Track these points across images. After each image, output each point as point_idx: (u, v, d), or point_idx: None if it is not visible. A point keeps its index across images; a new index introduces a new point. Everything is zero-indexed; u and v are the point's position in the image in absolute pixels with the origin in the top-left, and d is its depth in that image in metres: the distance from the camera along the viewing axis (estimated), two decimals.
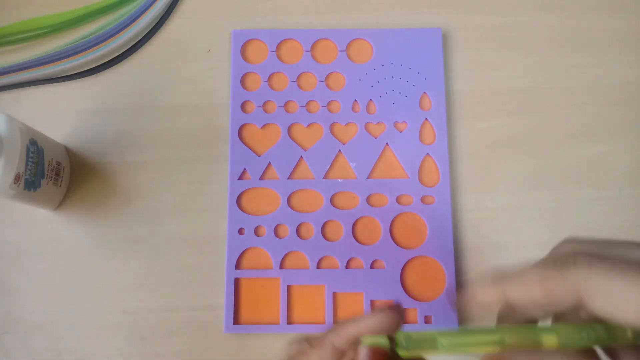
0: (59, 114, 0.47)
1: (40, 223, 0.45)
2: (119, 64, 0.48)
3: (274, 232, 0.44)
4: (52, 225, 0.45)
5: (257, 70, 0.47)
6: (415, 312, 0.42)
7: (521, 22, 0.49)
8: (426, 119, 0.46)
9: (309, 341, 0.24)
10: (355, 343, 0.24)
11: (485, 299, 0.24)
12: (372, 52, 0.47)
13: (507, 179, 0.45)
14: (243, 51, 0.47)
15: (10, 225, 0.44)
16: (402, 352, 0.23)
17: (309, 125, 0.46)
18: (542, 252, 0.25)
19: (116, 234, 0.44)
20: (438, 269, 0.43)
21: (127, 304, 0.43)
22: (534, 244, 0.44)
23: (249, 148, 0.45)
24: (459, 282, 0.43)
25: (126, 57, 0.48)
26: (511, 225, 0.45)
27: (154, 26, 0.48)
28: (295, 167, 0.45)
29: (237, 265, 0.43)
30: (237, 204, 0.44)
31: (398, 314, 0.24)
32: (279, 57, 0.47)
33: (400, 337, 0.23)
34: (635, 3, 0.49)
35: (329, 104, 0.46)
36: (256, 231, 0.44)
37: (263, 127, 0.46)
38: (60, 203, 0.45)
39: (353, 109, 0.46)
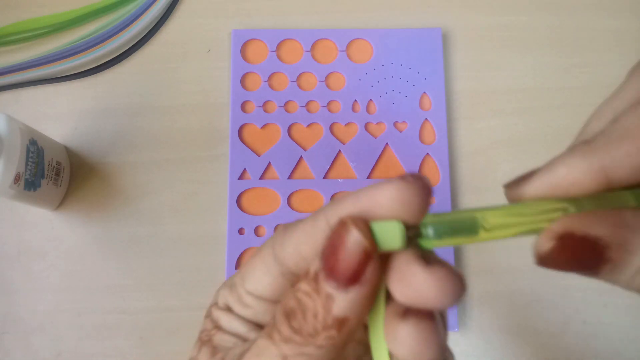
0: (59, 114, 0.47)
1: (40, 223, 0.45)
2: (119, 64, 0.48)
3: (274, 232, 0.44)
4: (52, 225, 0.45)
5: (257, 70, 0.47)
6: None
7: (521, 22, 0.49)
8: (426, 119, 0.46)
9: (314, 212, 0.18)
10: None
11: (574, 181, 0.16)
12: (372, 52, 0.47)
13: (507, 179, 0.45)
14: (243, 51, 0.47)
15: (10, 225, 0.44)
16: (427, 243, 0.16)
17: (309, 125, 0.46)
18: None
19: (116, 234, 0.44)
20: None
21: (127, 304, 0.43)
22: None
23: (249, 148, 0.45)
24: None
25: (126, 57, 0.48)
26: None
27: (154, 26, 0.48)
28: (295, 167, 0.45)
29: (237, 265, 0.43)
30: (237, 204, 0.44)
31: (425, 188, 0.16)
32: (279, 57, 0.47)
33: (427, 221, 0.16)
34: (634, 3, 0.49)
35: (329, 104, 0.46)
36: (256, 231, 0.44)
37: (263, 127, 0.46)
38: (60, 203, 0.45)
39: (353, 109, 0.46)
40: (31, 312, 0.43)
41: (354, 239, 0.16)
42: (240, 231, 0.44)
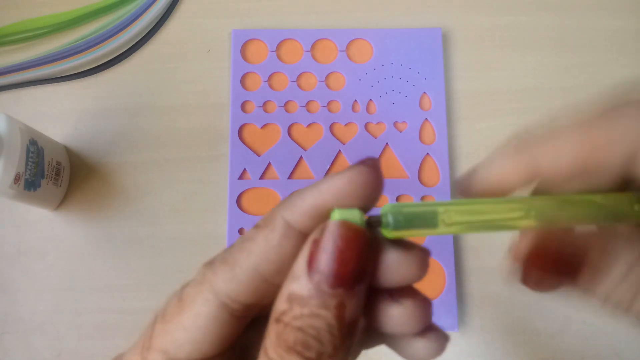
0: (59, 114, 0.47)
1: (40, 223, 0.44)
2: (119, 64, 0.48)
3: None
4: (52, 225, 0.45)
5: (257, 70, 0.47)
6: None
7: (521, 22, 0.49)
8: (426, 119, 0.46)
9: (258, 223, 0.17)
10: (320, 218, 0.16)
11: (506, 176, 0.17)
12: (372, 52, 0.47)
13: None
14: (243, 51, 0.47)
15: (10, 225, 0.44)
16: (387, 233, 0.16)
17: (309, 125, 0.46)
18: None
19: (116, 234, 0.44)
20: (438, 269, 0.43)
21: (127, 304, 0.43)
22: None
23: (249, 148, 0.45)
24: (459, 283, 0.43)
25: (126, 57, 0.48)
26: None
27: (154, 26, 0.48)
28: (295, 167, 0.45)
29: None
30: (237, 204, 0.44)
31: (375, 173, 0.16)
32: (279, 57, 0.47)
33: (386, 211, 0.16)
34: (635, 3, 0.49)
35: (329, 104, 0.46)
36: None
37: (263, 127, 0.46)
38: (60, 203, 0.45)
39: (353, 109, 0.46)
40: (31, 312, 0.43)
41: (352, 234, 0.15)
42: (240, 231, 0.44)
